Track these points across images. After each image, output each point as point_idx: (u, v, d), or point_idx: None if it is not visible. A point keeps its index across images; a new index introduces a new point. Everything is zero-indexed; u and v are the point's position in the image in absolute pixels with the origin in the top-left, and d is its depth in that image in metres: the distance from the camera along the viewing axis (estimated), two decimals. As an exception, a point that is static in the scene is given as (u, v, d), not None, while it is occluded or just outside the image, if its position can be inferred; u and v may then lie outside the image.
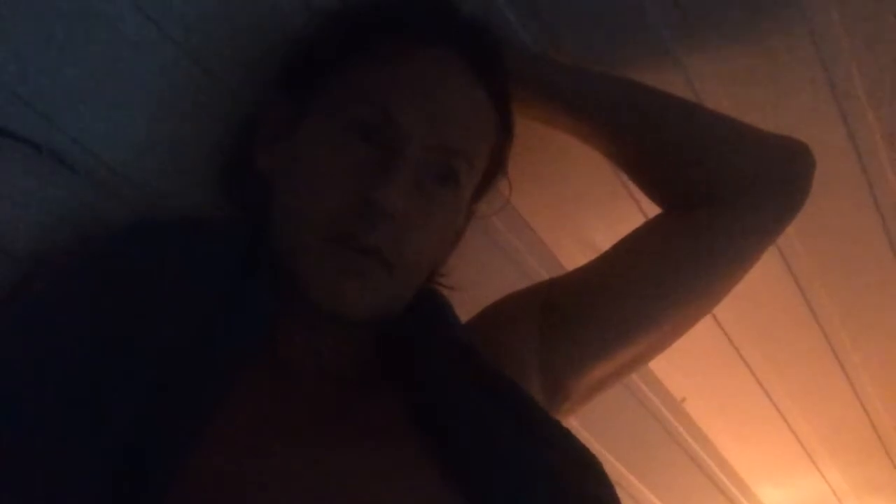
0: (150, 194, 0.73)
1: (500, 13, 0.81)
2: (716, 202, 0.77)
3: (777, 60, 0.87)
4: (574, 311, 0.77)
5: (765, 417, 1.44)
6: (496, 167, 0.74)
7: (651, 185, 0.82)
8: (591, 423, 1.23)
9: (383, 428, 0.63)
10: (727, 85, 0.89)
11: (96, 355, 0.55)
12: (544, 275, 1.04)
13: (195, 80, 0.73)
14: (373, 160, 0.64)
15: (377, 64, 0.66)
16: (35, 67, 0.65)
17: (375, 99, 0.65)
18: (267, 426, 0.59)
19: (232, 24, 0.72)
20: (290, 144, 0.68)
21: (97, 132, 0.69)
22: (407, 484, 0.58)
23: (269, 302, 0.64)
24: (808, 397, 1.41)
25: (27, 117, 0.65)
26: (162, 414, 0.53)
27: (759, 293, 1.13)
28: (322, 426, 0.61)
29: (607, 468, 0.64)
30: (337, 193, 0.63)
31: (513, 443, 0.61)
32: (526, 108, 0.79)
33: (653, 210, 0.83)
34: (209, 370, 0.58)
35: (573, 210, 1.04)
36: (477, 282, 0.87)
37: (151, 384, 0.54)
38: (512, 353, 0.74)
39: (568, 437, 0.65)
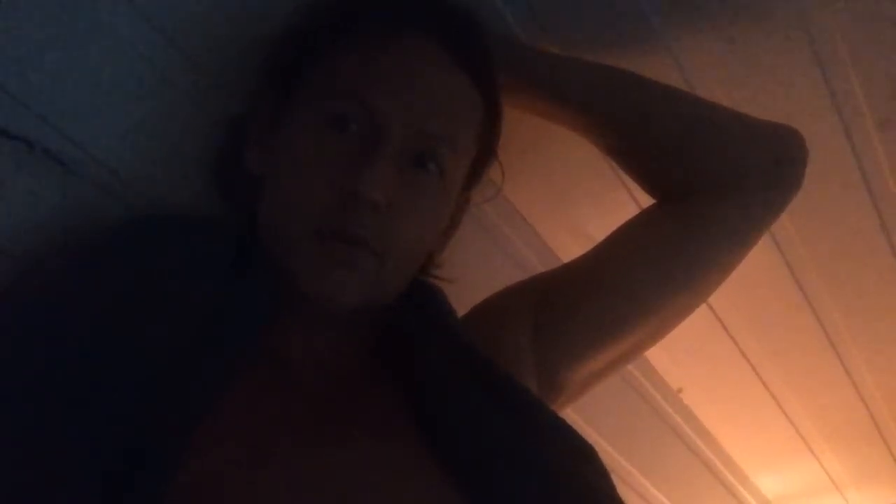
0: (144, 192, 0.73)
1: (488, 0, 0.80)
2: (708, 191, 0.77)
3: (769, 47, 0.87)
4: (568, 303, 0.77)
5: (761, 406, 1.44)
6: (486, 153, 0.74)
7: (643, 175, 0.82)
8: (587, 414, 1.23)
9: (383, 426, 0.63)
10: (718, 72, 0.89)
11: (93, 355, 0.55)
12: (539, 267, 1.04)
13: (188, 76, 0.73)
14: (354, 151, 0.63)
15: (353, 55, 0.66)
16: (28, 65, 0.64)
17: (352, 91, 0.64)
18: (266, 426, 0.59)
19: (222, 18, 0.72)
20: (275, 142, 0.68)
21: (90, 130, 0.69)
22: (407, 482, 0.58)
23: (267, 301, 0.64)
24: (804, 385, 1.41)
25: (19, 115, 0.65)
26: (160, 414, 0.53)
27: (753, 281, 1.14)
28: (322, 425, 0.61)
29: (604, 457, 0.64)
30: (320, 187, 0.63)
31: (511, 439, 0.61)
32: (517, 99, 0.79)
33: (647, 200, 0.83)
34: (208, 370, 0.58)
35: (568, 201, 1.04)
36: (472, 274, 0.87)
37: (149, 384, 0.54)
38: (508, 347, 0.74)
39: (566, 431, 0.65)
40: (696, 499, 1.66)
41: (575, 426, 0.66)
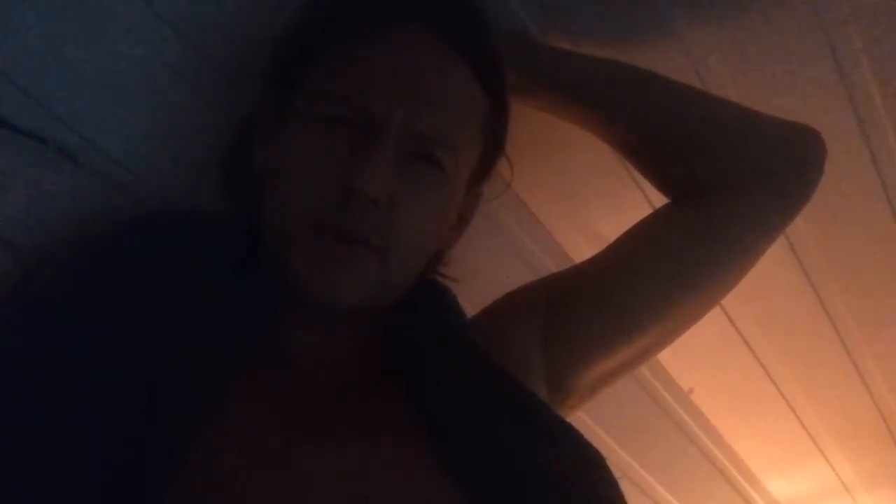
0: (155, 188, 0.73)
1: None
2: (722, 190, 0.76)
3: (784, 45, 0.87)
4: (579, 306, 0.76)
5: (772, 407, 1.44)
6: (494, 148, 0.73)
7: (656, 174, 0.81)
8: (597, 414, 1.22)
9: (385, 426, 0.63)
10: (732, 70, 0.89)
11: (97, 351, 0.55)
12: (551, 267, 1.03)
13: (201, 74, 0.73)
14: (352, 148, 0.63)
15: (350, 51, 0.66)
16: (40, 62, 0.64)
17: (347, 91, 0.64)
18: (269, 424, 0.59)
19: (235, 14, 0.72)
20: (277, 142, 0.68)
21: (102, 127, 0.69)
22: (409, 483, 0.58)
23: (269, 300, 0.64)
24: (816, 387, 1.40)
25: (32, 111, 0.65)
26: (163, 412, 0.53)
27: (766, 282, 1.13)
28: (329, 425, 0.61)
29: (614, 459, 0.64)
30: (317, 183, 0.63)
31: (515, 441, 0.61)
32: (528, 96, 0.78)
33: (659, 200, 0.82)
34: (211, 368, 0.58)
35: (580, 201, 1.03)
36: (483, 274, 0.87)
37: (152, 381, 0.54)
38: (516, 349, 0.73)
39: (572, 435, 0.64)
40: (706, 500, 1.65)
41: (584, 426, 0.65)
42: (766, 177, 0.76)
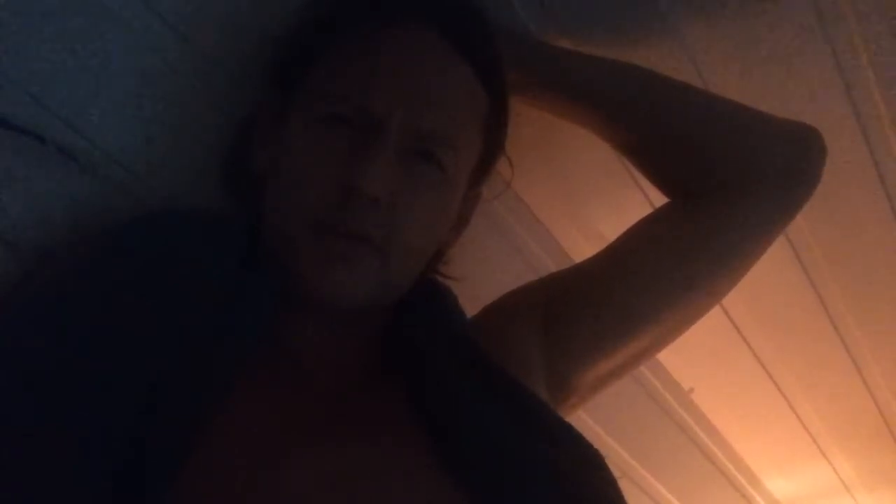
0: (155, 188, 0.73)
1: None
2: (723, 190, 0.76)
3: (785, 44, 0.87)
4: (578, 305, 0.76)
5: (773, 407, 1.44)
6: (494, 147, 0.73)
7: (656, 173, 0.81)
8: (598, 413, 1.22)
9: (386, 426, 0.63)
10: (733, 69, 0.89)
11: (97, 351, 0.55)
12: (551, 266, 1.03)
13: (201, 73, 0.73)
14: (352, 147, 0.63)
15: (350, 51, 0.66)
16: (39, 61, 0.65)
17: (347, 91, 0.64)
18: (270, 424, 0.59)
19: (236, 14, 0.72)
20: (277, 142, 0.68)
21: (102, 126, 0.69)
22: (409, 483, 0.58)
23: (271, 299, 0.64)
24: (817, 387, 1.40)
25: (31, 110, 0.65)
26: (163, 412, 0.53)
27: (766, 282, 1.13)
28: (330, 425, 0.61)
29: (614, 458, 0.64)
30: (319, 183, 0.63)
31: (515, 441, 0.61)
32: (529, 96, 0.78)
33: (659, 200, 0.83)
34: (212, 368, 0.58)
35: (580, 200, 1.03)
36: (484, 274, 0.87)
37: (152, 381, 0.54)
38: (516, 349, 0.73)
39: (572, 435, 0.64)
40: (706, 500, 1.65)
41: (584, 426, 0.65)
42: (767, 176, 0.76)
